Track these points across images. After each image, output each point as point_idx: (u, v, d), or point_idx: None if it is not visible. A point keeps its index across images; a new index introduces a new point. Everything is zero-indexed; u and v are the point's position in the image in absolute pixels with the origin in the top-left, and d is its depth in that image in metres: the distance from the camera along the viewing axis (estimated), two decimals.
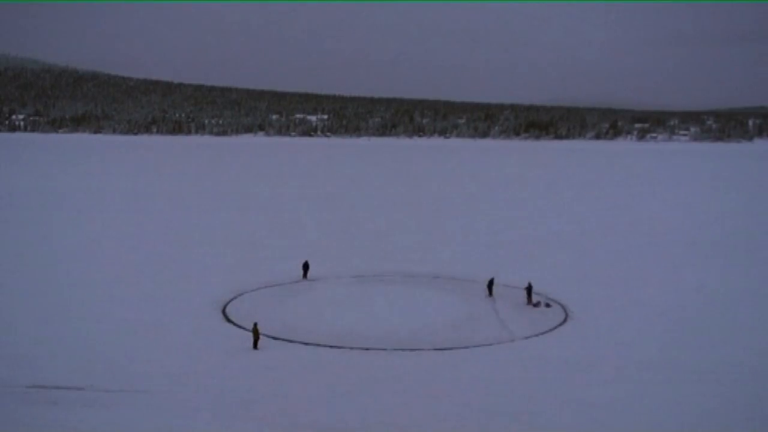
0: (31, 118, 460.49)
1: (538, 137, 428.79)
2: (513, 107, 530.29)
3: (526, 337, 35.60)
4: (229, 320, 38.31)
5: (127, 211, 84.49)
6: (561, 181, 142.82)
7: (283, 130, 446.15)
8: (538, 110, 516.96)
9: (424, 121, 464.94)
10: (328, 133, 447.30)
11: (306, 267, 48.62)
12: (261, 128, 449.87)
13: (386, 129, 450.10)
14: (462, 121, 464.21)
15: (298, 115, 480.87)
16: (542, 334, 36.28)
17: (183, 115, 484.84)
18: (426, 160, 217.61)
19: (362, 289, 45.19)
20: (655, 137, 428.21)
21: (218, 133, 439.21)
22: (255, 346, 33.34)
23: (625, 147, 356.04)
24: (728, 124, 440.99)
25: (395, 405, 26.33)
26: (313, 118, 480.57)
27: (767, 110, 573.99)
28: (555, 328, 37.45)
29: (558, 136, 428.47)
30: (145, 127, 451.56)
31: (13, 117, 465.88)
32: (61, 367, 30.06)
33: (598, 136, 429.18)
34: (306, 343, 34.03)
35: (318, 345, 33.81)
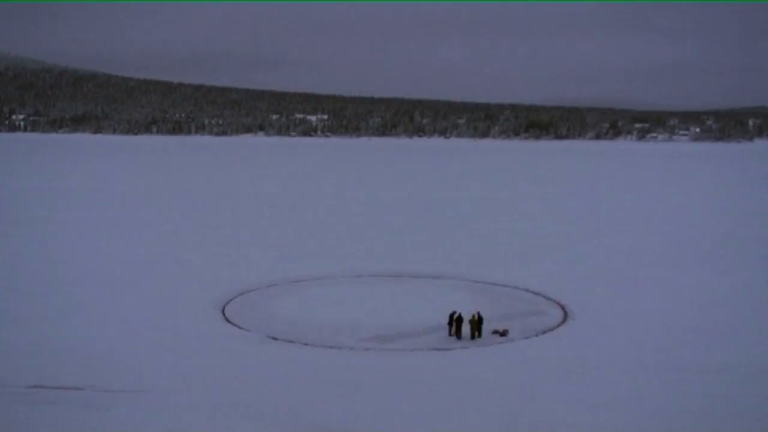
0: (31, 118, 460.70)
1: (538, 137, 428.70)
2: (513, 107, 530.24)
3: (526, 337, 35.62)
4: (229, 320, 38.32)
5: (127, 211, 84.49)
6: (561, 181, 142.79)
7: (283, 130, 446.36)
8: (538, 110, 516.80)
9: (424, 121, 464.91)
10: (328, 133, 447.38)
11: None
12: (261, 128, 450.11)
13: (386, 129, 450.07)
14: (462, 121, 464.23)
15: (298, 115, 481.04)
16: (542, 334, 36.31)
17: (183, 115, 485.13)
18: (426, 160, 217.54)
19: (362, 289, 45.23)
20: (655, 137, 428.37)
21: (218, 133, 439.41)
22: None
23: (625, 147, 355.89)
24: (728, 124, 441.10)
25: (394, 405, 26.32)
26: (313, 118, 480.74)
27: (767, 110, 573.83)
28: (555, 328, 37.47)
29: (558, 136, 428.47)
30: (145, 127, 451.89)
31: (13, 117, 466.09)
32: (61, 367, 30.04)
33: (598, 136, 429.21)
34: (306, 343, 34.06)
35: (317, 345, 33.84)
